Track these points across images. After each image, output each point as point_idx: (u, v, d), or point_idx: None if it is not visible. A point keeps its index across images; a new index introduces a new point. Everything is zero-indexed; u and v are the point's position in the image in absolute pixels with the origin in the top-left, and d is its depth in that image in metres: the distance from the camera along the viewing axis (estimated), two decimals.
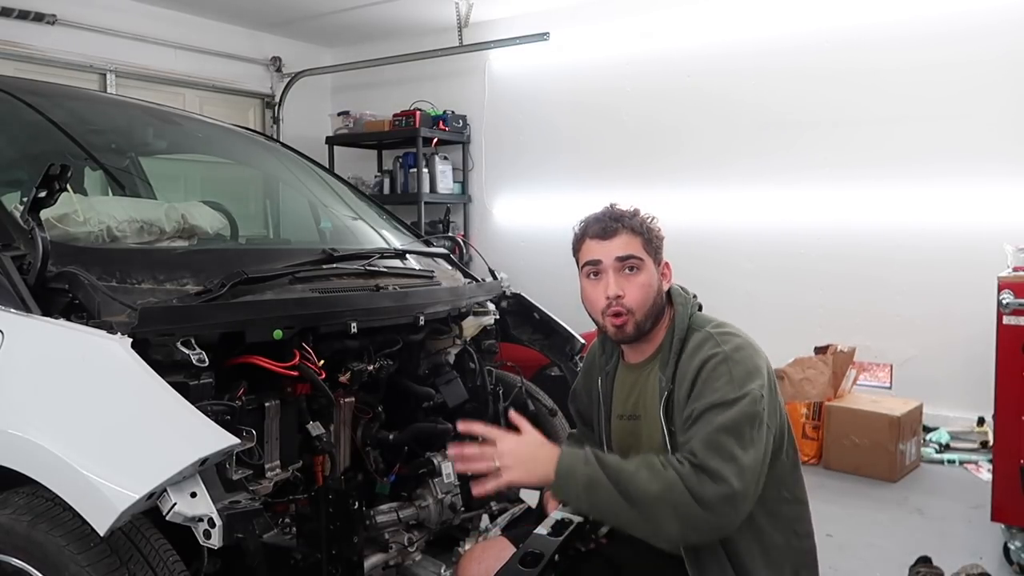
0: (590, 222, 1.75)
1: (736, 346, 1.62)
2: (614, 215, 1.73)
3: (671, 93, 5.36)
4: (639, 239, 1.70)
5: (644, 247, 1.70)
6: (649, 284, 1.70)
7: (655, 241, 1.73)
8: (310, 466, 2.01)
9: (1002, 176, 4.27)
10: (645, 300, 1.69)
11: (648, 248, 1.71)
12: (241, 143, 3.18)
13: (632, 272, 1.69)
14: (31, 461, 1.44)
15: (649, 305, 1.69)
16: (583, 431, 2.09)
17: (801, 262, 4.92)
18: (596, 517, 1.62)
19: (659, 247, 1.74)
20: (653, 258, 1.72)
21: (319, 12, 6.00)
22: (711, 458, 1.47)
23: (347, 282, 2.11)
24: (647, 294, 1.69)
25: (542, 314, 2.78)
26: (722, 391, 1.55)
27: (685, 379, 1.62)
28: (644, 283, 1.69)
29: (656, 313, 1.72)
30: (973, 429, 4.34)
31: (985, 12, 4.30)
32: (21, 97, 2.34)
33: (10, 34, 5.08)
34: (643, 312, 1.69)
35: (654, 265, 1.72)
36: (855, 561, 2.95)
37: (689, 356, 1.65)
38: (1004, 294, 2.76)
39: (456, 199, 6.33)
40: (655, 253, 1.73)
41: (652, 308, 1.70)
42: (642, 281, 1.69)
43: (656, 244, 1.73)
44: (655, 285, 1.71)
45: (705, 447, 1.49)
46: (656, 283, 1.72)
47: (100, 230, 1.93)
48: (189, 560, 1.54)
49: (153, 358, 1.54)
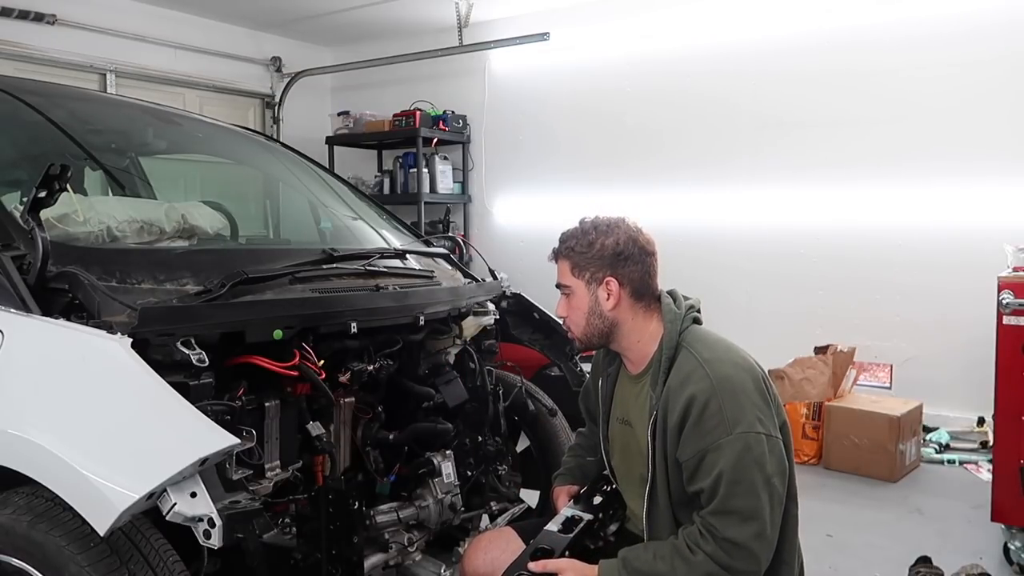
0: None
1: (723, 376, 1.63)
2: (560, 240, 1.80)
3: (671, 93, 5.36)
4: (567, 264, 1.77)
5: (571, 272, 1.75)
6: (579, 308, 1.76)
7: (584, 262, 1.73)
8: (310, 466, 2.01)
9: (1002, 176, 4.28)
10: (578, 322, 1.77)
11: (576, 272, 1.75)
12: (241, 143, 3.18)
13: (568, 297, 1.78)
14: (31, 461, 1.44)
15: (583, 325, 1.76)
16: (591, 429, 2.11)
17: (801, 262, 4.92)
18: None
19: (593, 266, 1.73)
20: (586, 278, 1.74)
21: (319, 12, 6.00)
22: (731, 527, 1.55)
23: (347, 282, 2.11)
24: (579, 316, 1.76)
25: (542, 314, 2.78)
26: (715, 433, 1.58)
27: (674, 410, 1.63)
28: (576, 307, 1.76)
29: (603, 330, 1.75)
30: (973, 429, 4.35)
31: (984, 13, 4.30)
32: (21, 97, 2.34)
33: (10, 34, 5.08)
34: (580, 331, 1.78)
35: (586, 286, 1.74)
36: (855, 561, 2.95)
37: (678, 383, 1.65)
38: (1004, 294, 2.76)
39: (456, 199, 6.33)
40: (587, 274, 1.73)
41: (591, 327, 1.76)
42: (574, 305, 1.77)
43: (586, 264, 1.73)
44: (588, 307, 1.74)
45: (722, 517, 1.56)
46: (591, 304, 1.74)
47: (100, 230, 1.93)
48: (189, 560, 1.54)
49: (153, 358, 1.54)
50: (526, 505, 2.56)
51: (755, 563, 1.57)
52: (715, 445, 1.57)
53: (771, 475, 1.58)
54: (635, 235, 1.75)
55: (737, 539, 1.54)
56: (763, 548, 1.57)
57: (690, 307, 1.77)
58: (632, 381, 1.81)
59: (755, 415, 1.60)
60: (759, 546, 1.56)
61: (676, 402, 1.63)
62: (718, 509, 1.56)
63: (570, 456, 2.13)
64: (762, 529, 1.56)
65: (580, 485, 1.98)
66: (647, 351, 1.75)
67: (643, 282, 1.74)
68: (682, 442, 1.62)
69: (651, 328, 1.75)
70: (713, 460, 1.57)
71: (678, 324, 1.72)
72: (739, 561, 1.55)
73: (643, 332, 1.75)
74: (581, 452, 2.11)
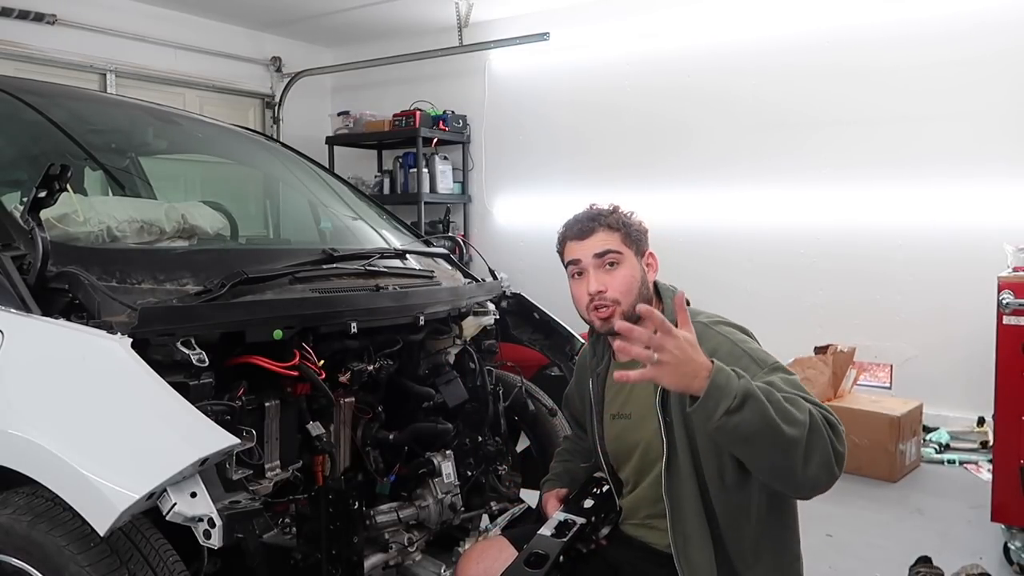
0: (570, 224, 1.79)
1: (734, 330, 1.65)
2: (591, 215, 1.76)
3: (671, 93, 5.36)
4: (617, 234, 1.73)
5: (623, 241, 1.73)
6: (631, 276, 1.72)
7: (634, 234, 1.75)
8: (310, 466, 2.01)
9: (1002, 176, 4.28)
10: (629, 290, 1.71)
11: (627, 241, 1.73)
12: (241, 143, 3.18)
13: (612, 267, 1.72)
14: (31, 461, 1.44)
15: (634, 295, 1.71)
16: (577, 434, 2.10)
17: (801, 262, 4.92)
18: (737, 439, 1.41)
19: (640, 239, 1.76)
20: (635, 250, 1.74)
21: (319, 12, 6.00)
22: (828, 412, 1.46)
23: (347, 282, 2.10)
24: (630, 284, 1.71)
25: (542, 314, 2.78)
26: (751, 369, 1.53)
27: None
28: (626, 275, 1.71)
29: (644, 302, 1.70)
30: (973, 429, 4.35)
31: (985, 11, 4.30)
32: (21, 97, 2.34)
33: (10, 34, 5.08)
34: (628, 302, 1.69)
35: (635, 257, 1.74)
36: (855, 561, 2.95)
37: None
38: (1004, 294, 2.76)
39: (456, 199, 6.33)
40: (636, 245, 1.74)
41: (638, 298, 1.71)
42: (623, 273, 1.71)
43: (636, 236, 1.75)
44: (638, 276, 1.73)
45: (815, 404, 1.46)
46: (640, 274, 1.73)
47: (100, 230, 1.93)
48: (189, 560, 1.54)
49: (153, 358, 1.54)
50: (526, 505, 2.55)
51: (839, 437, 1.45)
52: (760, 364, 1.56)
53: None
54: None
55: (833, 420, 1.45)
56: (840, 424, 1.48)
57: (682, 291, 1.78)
58: (628, 368, 1.78)
59: (775, 359, 1.59)
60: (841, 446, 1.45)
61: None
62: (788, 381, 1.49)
63: (558, 462, 2.11)
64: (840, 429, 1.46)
65: (569, 490, 1.97)
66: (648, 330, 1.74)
67: None
68: None
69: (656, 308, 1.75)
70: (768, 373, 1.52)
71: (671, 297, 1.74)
72: (839, 435, 1.44)
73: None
74: (569, 457, 2.09)
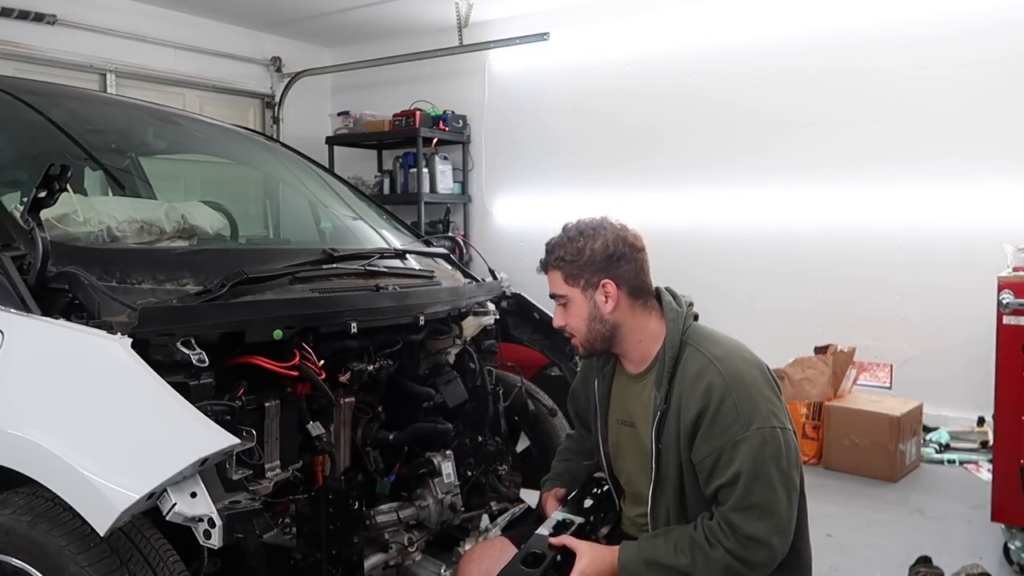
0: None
1: (735, 372, 1.63)
2: (547, 246, 1.78)
3: (671, 93, 5.36)
4: (559, 274, 1.75)
5: (564, 281, 1.74)
6: (579, 315, 1.74)
7: (577, 271, 1.72)
8: (310, 466, 2.01)
9: (1002, 176, 4.27)
10: (579, 328, 1.75)
11: (570, 280, 1.73)
12: (241, 143, 3.18)
13: (565, 306, 1.76)
14: (31, 461, 1.44)
15: (585, 331, 1.75)
16: (580, 433, 2.10)
17: (801, 262, 4.92)
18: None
19: (586, 272, 1.71)
20: (581, 285, 1.72)
21: (319, 12, 6.00)
22: (751, 523, 1.55)
23: (347, 282, 2.11)
24: (579, 323, 1.74)
25: (542, 314, 2.78)
26: (731, 431, 1.58)
27: (688, 409, 1.63)
28: (575, 314, 1.75)
29: (605, 334, 1.73)
30: (973, 429, 4.34)
31: (985, 13, 4.30)
32: (21, 97, 2.34)
33: (10, 34, 5.08)
34: (583, 337, 1.75)
35: (583, 292, 1.72)
36: (855, 561, 2.95)
37: (690, 380, 1.65)
38: (1004, 294, 2.76)
39: (456, 199, 6.33)
40: (583, 279, 1.72)
41: (594, 332, 1.74)
42: (573, 313, 1.75)
43: (579, 272, 1.71)
44: (589, 312, 1.73)
45: (742, 513, 1.56)
46: (590, 309, 1.73)
47: (100, 230, 1.93)
48: (189, 560, 1.54)
49: (153, 358, 1.54)
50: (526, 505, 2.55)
51: (773, 556, 1.58)
52: (732, 443, 1.57)
53: (787, 468, 1.58)
54: (622, 233, 1.73)
55: (757, 535, 1.55)
56: (782, 541, 1.58)
57: (690, 304, 1.78)
58: (632, 381, 1.80)
59: (769, 409, 1.60)
60: (778, 540, 1.57)
61: (690, 400, 1.62)
62: (737, 506, 1.56)
63: (559, 460, 2.11)
64: (780, 523, 1.57)
65: (569, 489, 1.97)
66: (649, 351, 1.74)
67: (638, 279, 1.73)
68: (697, 441, 1.62)
69: (651, 326, 1.74)
70: (730, 457, 1.57)
71: (680, 322, 1.71)
72: (758, 555, 1.57)
73: (644, 331, 1.74)
74: (570, 456, 2.09)
